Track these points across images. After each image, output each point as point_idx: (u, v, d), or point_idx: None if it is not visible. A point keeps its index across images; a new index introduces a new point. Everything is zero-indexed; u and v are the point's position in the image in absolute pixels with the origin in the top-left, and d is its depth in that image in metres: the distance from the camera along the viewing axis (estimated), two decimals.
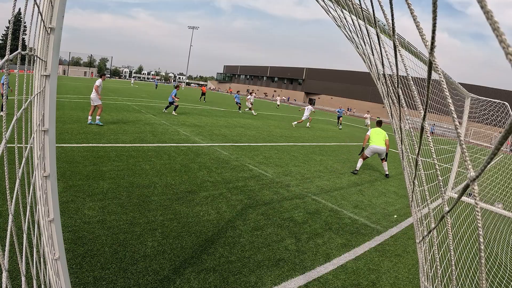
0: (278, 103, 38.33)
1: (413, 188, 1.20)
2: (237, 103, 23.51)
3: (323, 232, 4.33)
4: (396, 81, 0.91)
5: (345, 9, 1.73)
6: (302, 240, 3.98)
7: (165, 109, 15.84)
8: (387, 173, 8.55)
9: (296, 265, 3.38)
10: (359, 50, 1.98)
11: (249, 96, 22.82)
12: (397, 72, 0.87)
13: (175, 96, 15.08)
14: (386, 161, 8.61)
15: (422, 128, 0.65)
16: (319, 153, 10.47)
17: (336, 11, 1.79)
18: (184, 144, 8.61)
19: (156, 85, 49.58)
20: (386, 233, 4.65)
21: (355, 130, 23.14)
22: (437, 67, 0.49)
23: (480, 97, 7.87)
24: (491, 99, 7.97)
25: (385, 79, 1.38)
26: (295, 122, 18.02)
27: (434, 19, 0.42)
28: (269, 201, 5.19)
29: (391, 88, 1.44)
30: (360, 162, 8.42)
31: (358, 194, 6.44)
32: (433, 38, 0.45)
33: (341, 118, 23.32)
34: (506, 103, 7.69)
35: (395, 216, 5.44)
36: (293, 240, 3.95)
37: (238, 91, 26.50)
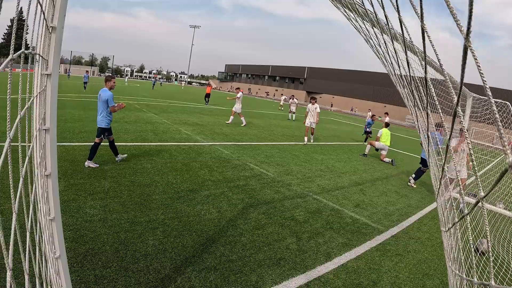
0: (281, 103, 33.76)
1: (441, 175, 1.19)
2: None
3: (324, 231, 4.33)
4: (424, 66, 0.89)
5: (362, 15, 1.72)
6: (303, 239, 3.98)
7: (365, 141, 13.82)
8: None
9: (297, 264, 3.38)
10: (372, 42, 1.95)
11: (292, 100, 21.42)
12: (425, 56, 0.85)
13: (368, 126, 14.23)
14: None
15: (455, 114, 0.63)
16: (321, 152, 10.46)
17: (355, 15, 1.78)
18: (186, 143, 8.62)
19: (154, 84, 45.04)
20: (387, 232, 4.64)
21: (356, 129, 23.11)
22: (473, 53, 0.48)
23: (481, 97, 7.84)
24: (493, 99, 7.95)
25: (409, 65, 1.37)
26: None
27: (471, 4, 0.42)
28: (270, 200, 5.19)
29: (416, 75, 1.43)
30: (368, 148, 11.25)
31: (359, 193, 6.43)
32: (469, 23, 0.44)
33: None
34: (508, 103, 7.67)
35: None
36: (294, 239, 3.95)
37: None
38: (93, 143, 5.77)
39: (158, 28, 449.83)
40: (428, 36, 0.71)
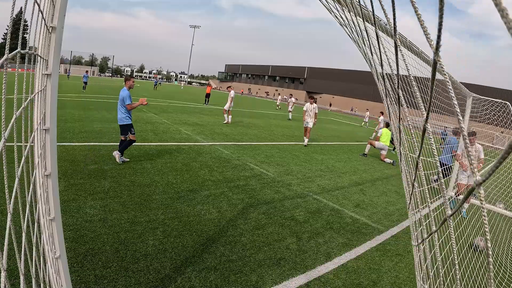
0: (278, 102, 33.22)
1: (412, 190, 1.20)
2: None
3: (324, 231, 4.33)
4: (396, 81, 0.90)
5: (346, 8, 1.73)
6: (303, 239, 3.98)
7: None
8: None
9: (297, 264, 3.38)
10: (360, 49, 1.97)
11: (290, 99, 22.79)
12: (398, 72, 0.86)
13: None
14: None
15: (424, 130, 0.64)
16: (321, 152, 10.46)
17: (337, 10, 1.78)
18: (186, 143, 8.62)
19: (155, 85, 43.74)
20: (387, 232, 4.64)
21: (356, 129, 23.11)
22: (442, 68, 0.48)
23: (481, 97, 7.84)
24: (493, 99, 7.94)
25: (384, 79, 1.37)
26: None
27: (441, 17, 0.41)
28: (270, 200, 5.19)
29: (390, 88, 1.43)
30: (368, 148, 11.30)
31: (359, 193, 6.43)
32: (439, 37, 0.44)
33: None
34: (508, 103, 7.66)
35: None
36: (294, 239, 3.95)
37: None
38: (127, 141, 6.08)
39: (158, 28, 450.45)
40: (400, 50, 0.73)
